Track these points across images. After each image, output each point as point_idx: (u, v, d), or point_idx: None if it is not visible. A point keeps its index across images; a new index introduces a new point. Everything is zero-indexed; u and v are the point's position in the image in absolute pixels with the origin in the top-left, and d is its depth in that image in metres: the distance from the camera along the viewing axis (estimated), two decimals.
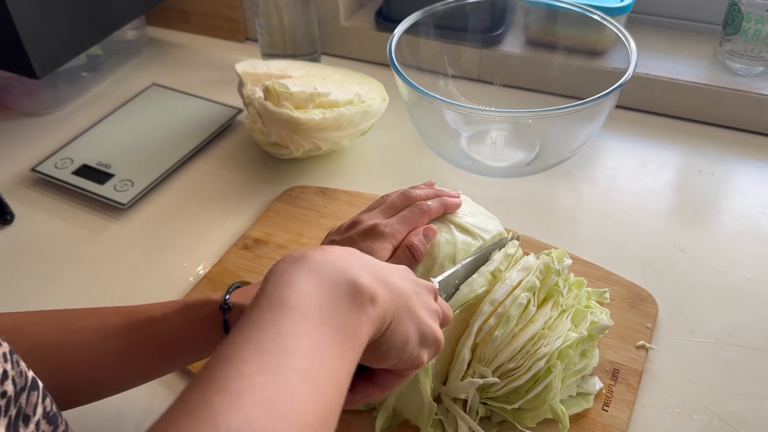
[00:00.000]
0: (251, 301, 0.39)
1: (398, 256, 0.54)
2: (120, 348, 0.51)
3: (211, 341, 0.52)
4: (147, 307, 0.53)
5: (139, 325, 0.51)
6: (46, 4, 0.82)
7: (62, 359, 0.50)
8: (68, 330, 0.51)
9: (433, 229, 0.56)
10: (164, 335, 0.51)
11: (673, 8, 0.97)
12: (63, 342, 0.50)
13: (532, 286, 0.57)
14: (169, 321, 0.51)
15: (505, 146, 0.87)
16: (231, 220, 0.81)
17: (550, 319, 0.57)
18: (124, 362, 0.52)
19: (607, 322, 0.59)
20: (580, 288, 0.61)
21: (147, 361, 0.52)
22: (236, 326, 0.37)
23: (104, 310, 0.53)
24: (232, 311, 0.51)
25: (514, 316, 0.55)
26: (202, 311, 0.51)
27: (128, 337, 0.51)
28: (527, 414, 0.56)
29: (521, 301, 0.56)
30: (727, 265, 0.72)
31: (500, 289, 0.56)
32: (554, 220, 0.78)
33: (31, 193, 0.86)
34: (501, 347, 0.55)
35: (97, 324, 0.51)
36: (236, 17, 1.11)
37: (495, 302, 0.56)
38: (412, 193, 0.59)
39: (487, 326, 0.55)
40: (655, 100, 0.91)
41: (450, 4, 0.87)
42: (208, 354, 0.53)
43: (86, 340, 0.51)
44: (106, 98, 1.01)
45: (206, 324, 0.51)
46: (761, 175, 0.82)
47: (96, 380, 0.52)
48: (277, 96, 0.78)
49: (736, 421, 0.58)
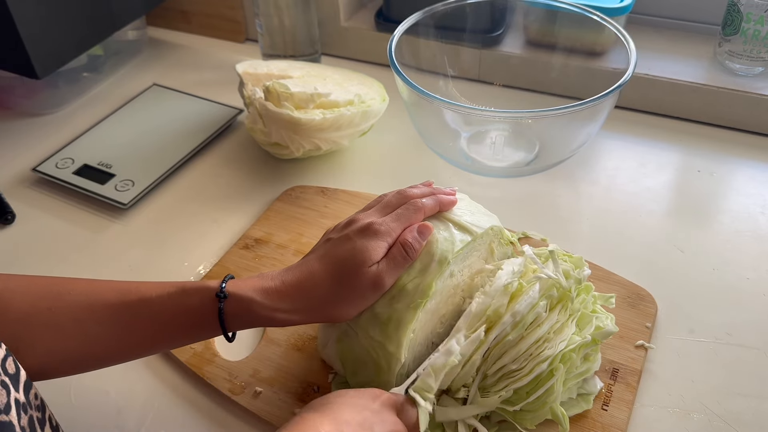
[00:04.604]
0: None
1: (393, 254, 0.54)
2: (112, 328, 0.51)
3: (203, 327, 0.53)
4: (141, 287, 0.53)
5: (133, 305, 0.52)
6: (47, 5, 0.83)
7: (53, 333, 0.50)
8: (60, 305, 0.51)
9: (428, 226, 0.56)
10: (158, 318, 0.52)
11: (672, 9, 0.97)
12: (54, 317, 0.51)
13: (550, 295, 0.57)
14: (163, 304, 0.52)
15: (505, 146, 0.87)
16: (231, 219, 0.81)
17: (557, 323, 0.57)
18: (115, 341, 0.52)
19: (611, 328, 0.59)
20: (587, 293, 0.61)
21: (139, 340, 0.53)
22: None
23: (97, 285, 0.53)
24: (227, 300, 0.52)
25: (528, 323, 0.56)
26: (198, 297, 0.52)
27: (121, 317, 0.51)
28: (527, 415, 0.56)
29: (539, 310, 0.56)
30: (726, 264, 0.72)
31: (524, 301, 0.56)
32: (554, 220, 0.78)
33: (32, 193, 0.86)
34: (507, 349, 0.55)
35: (90, 301, 0.51)
36: (237, 18, 1.11)
37: (517, 315, 0.55)
38: (408, 191, 0.59)
39: (502, 334, 0.55)
40: (655, 101, 0.91)
41: (450, 5, 0.87)
42: (199, 338, 0.55)
43: (78, 316, 0.51)
44: (106, 98, 1.02)
45: (201, 310, 0.52)
46: (760, 175, 0.82)
47: (87, 354, 0.52)
48: (278, 96, 0.78)
49: (736, 420, 0.58)
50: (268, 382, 0.62)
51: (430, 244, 0.56)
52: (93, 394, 0.63)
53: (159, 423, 0.61)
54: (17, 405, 0.44)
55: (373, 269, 0.53)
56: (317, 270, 0.54)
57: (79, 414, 0.62)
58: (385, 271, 0.54)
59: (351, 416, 0.47)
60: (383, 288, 0.54)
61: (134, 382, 0.64)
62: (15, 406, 0.44)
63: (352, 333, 0.57)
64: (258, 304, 0.52)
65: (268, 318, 0.53)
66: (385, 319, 0.54)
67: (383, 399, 0.50)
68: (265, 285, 0.53)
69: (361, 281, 0.53)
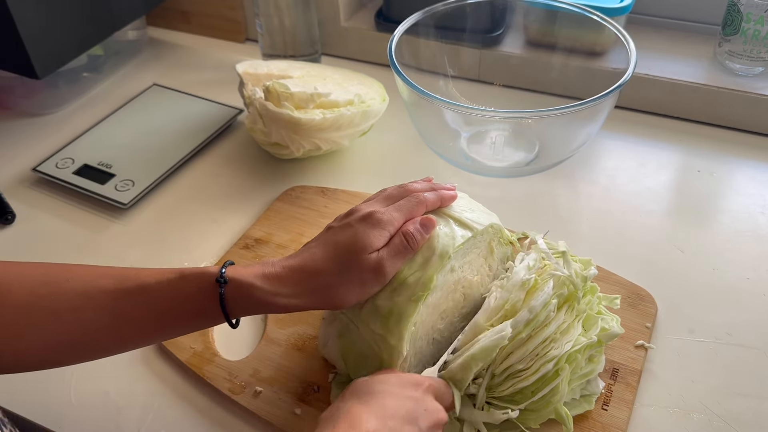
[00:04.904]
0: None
1: (394, 243, 0.55)
2: (110, 315, 0.51)
3: (204, 314, 0.52)
4: (139, 273, 0.52)
5: (131, 292, 0.51)
6: (47, 5, 0.83)
7: (51, 321, 0.50)
8: (58, 292, 0.51)
9: (431, 219, 0.57)
10: (157, 304, 0.52)
11: (672, 9, 0.98)
12: (53, 304, 0.50)
13: (560, 293, 0.58)
14: (162, 290, 0.51)
15: (505, 146, 0.87)
16: (231, 219, 0.81)
17: (564, 323, 0.57)
18: (114, 329, 0.52)
19: (617, 330, 0.59)
20: (593, 294, 0.61)
21: (138, 328, 0.52)
22: None
23: (94, 271, 0.52)
24: (228, 285, 0.51)
25: (540, 321, 0.56)
26: (197, 283, 0.52)
27: (119, 304, 0.51)
28: (531, 415, 0.56)
29: (551, 308, 0.56)
30: (726, 264, 0.72)
31: (539, 297, 0.56)
32: (554, 220, 0.78)
33: (32, 193, 0.86)
34: (515, 348, 0.56)
35: (87, 288, 0.51)
36: (237, 18, 1.11)
37: (533, 310, 0.56)
38: (410, 185, 0.60)
39: (516, 331, 0.56)
40: (655, 101, 0.91)
41: (450, 5, 0.87)
42: (199, 326, 0.54)
43: (76, 305, 0.51)
44: (107, 98, 1.02)
45: (201, 296, 0.52)
46: (760, 175, 0.82)
47: (86, 343, 0.52)
48: (278, 96, 0.78)
49: (735, 420, 0.58)
50: (268, 382, 0.62)
51: (431, 238, 0.56)
52: (93, 393, 0.63)
53: (159, 423, 0.61)
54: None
55: (374, 256, 0.53)
56: (318, 255, 0.54)
57: (79, 414, 0.62)
58: (386, 258, 0.54)
59: (395, 408, 0.48)
60: (384, 275, 0.54)
61: (134, 381, 0.64)
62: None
63: (354, 327, 0.57)
64: (258, 289, 0.52)
65: (269, 303, 0.52)
66: (387, 312, 0.54)
67: (425, 387, 0.51)
68: (266, 270, 0.53)
69: (361, 266, 0.53)
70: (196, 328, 0.55)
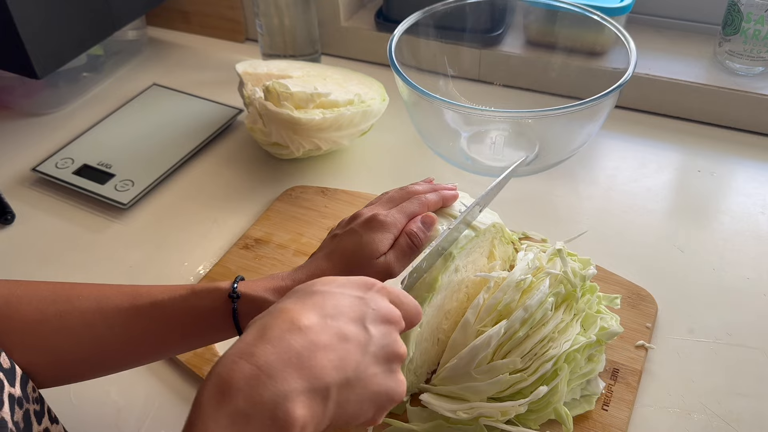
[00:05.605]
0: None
1: (400, 245, 0.55)
2: (124, 332, 0.51)
3: (217, 328, 0.52)
4: (151, 290, 0.52)
5: (144, 308, 0.51)
6: (47, 5, 0.83)
7: (64, 338, 0.50)
8: (70, 309, 0.50)
9: (432, 216, 0.57)
10: (170, 320, 0.51)
11: (672, 8, 0.97)
12: (65, 322, 0.50)
13: (557, 292, 0.57)
14: (175, 306, 0.51)
15: (505, 146, 0.87)
16: (231, 219, 0.81)
17: (562, 322, 0.57)
18: (128, 345, 0.52)
19: (617, 329, 0.59)
20: (592, 293, 0.61)
21: (151, 344, 0.52)
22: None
23: (106, 290, 0.52)
24: (240, 300, 0.51)
25: (537, 319, 0.56)
26: (210, 299, 0.52)
27: (132, 321, 0.51)
28: (531, 415, 0.56)
29: (547, 306, 0.56)
30: (726, 264, 0.72)
31: (534, 296, 0.56)
32: (554, 220, 0.78)
33: (32, 193, 0.86)
34: (513, 347, 0.55)
35: (101, 305, 0.51)
36: (236, 18, 1.11)
37: (530, 309, 0.56)
38: (411, 187, 0.60)
39: (512, 330, 0.55)
40: (655, 100, 0.91)
41: (450, 5, 0.87)
42: (211, 340, 0.54)
43: (89, 321, 0.50)
44: (106, 98, 1.02)
45: (214, 311, 0.51)
46: (760, 175, 0.82)
47: (99, 359, 0.52)
48: (278, 96, 0.78)
49: (735, 420, 0.58)
50: None
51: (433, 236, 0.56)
52: (93, 393, 0.63)
53: (159, 423, 0.61)
54: (11, 400, 0.44)
55: (382, 261, 0.53)
56: (326, 267, 0.54)
57: (79, 414, 0.62)
58: (393, 262, 0.54)
59: (338, 306, 0.42)
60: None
61: (134, 382, 0.64)
62: (9, 401, 0.44)
63: None
64: (270, 303, 0.52)
65: None
66: None
67: (378, 288, 0.45)
68: (277, 285, 0.53)
69: (370, 274, 0.53)
70: (207, 342, 0.54)
